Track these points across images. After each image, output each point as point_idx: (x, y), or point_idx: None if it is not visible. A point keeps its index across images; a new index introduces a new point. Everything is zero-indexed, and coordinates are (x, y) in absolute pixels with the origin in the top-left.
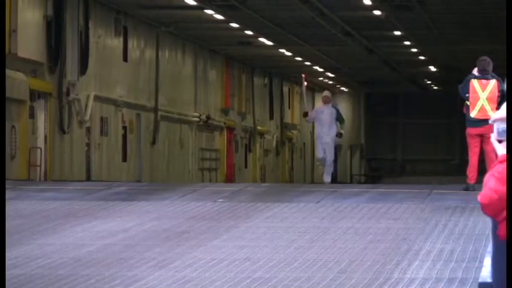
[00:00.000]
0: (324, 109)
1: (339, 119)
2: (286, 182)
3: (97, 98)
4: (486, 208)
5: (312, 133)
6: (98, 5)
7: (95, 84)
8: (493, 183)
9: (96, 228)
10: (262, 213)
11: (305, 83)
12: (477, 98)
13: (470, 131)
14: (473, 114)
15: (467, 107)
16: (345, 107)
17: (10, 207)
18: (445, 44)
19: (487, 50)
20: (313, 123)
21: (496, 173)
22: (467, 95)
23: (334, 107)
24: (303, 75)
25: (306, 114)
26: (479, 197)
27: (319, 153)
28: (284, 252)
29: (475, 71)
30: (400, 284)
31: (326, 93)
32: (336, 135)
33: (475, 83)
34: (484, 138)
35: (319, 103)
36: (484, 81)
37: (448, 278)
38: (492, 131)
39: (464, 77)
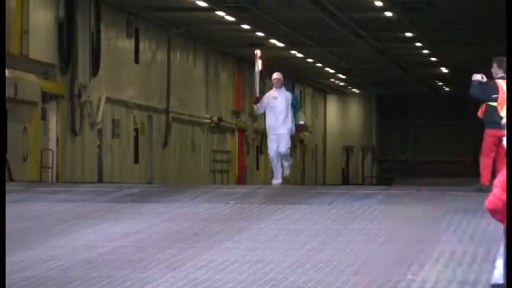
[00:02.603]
0: (277, 95)
1: (295, 105)
2: (297, 184)
3: (108, 100)
4: (493, 214)
5: (325, 134)
6: (110, 7)
7: (107, 86)
8: (497, 191)
9: (107, 230)
10: (274, 215)
11: (259, 62)
12: (506, 99)
13: (494, 132)
14: (503, 114)
15: (492, 108)
16: (356, 109)
17: (22, 209)
18: (456, 45)
19: (500, 51)
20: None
21: (500, 182)
22: (494, 95)
23: (288, 91)
24: (257, 52)
25: (257, 100)
26: (486, 204)
27: (271, 150)
28: (296, 254)
29: (499, 72)
30: (412, 286)
31: (276, 74)
32: (296, 128)
33: (502, 83)
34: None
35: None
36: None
37: (460, 279)
38: None
39: None
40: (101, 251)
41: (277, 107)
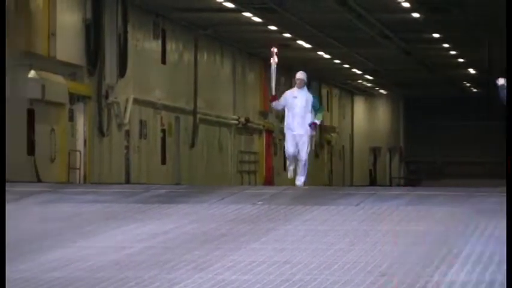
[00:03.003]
0: (297, 94)
1: (316, 107)
2: (325, 185)
3: (136, 101)
4: None
5: (352, 135)
6: (137, 8)
7: (134, 87)
8: None
9: (135, 231)
10: (301, 216)
11: (275, 59)
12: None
13: None
14: None
15: None
16: (383, 110)
17: (50, 210)
18: (483, 46)
19: None
20: (282, 113)
21: None
22: None
23: (310, 92)
24: (273, 49)
25: (273, 99)
26: None
27: (289, 149)
28: (323, 255)
29: None
30: (440, 287)
31: (300, 74)
32: (309, 125)
33: None
34: None
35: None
36: None
37: (487, 280)
38: None
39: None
40: (129, 252)
41: (296, 107)
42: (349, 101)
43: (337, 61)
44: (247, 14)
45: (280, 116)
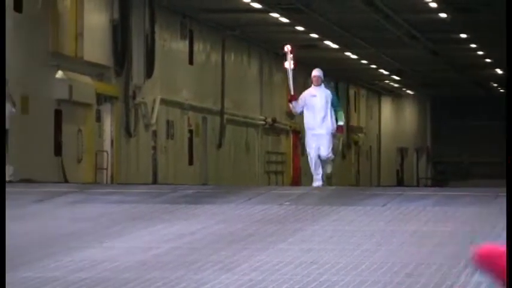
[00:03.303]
0: (316, 92)
1: (335, 105)
2: (352, 185)
3: (163, 101)
4: None
5: (379, 135)
6: (164, 8)
7: (161, 87)
8: None
9: (162, 232)
10: (328, 216)
11: (291, 56)
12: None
13: None
14: None
15: None
16: (410, 110)
17: (77, 210)
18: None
19: None
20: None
21: None
22: None
23: (328, 89)
24: (287, 47)
25: (292, 99)
26: None
27: (311, 150)
28: (350, 255)
29: None
30: None
31: (316, 72)
32: (335, 132)
33: None
34: None
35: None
36: None
37: None
38: None
39: None
40: (156, 253)
41: (315, 105)
42: (376, 102)
43: (364, 61)
44: (275, 15)
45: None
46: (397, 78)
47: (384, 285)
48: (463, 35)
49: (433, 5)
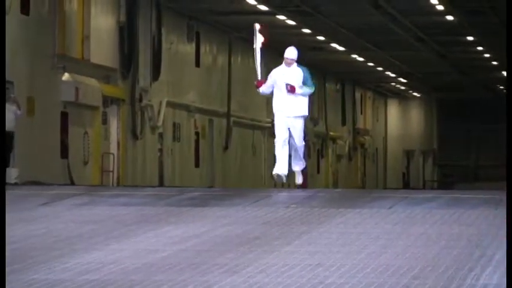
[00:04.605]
0: (286, 71)
1: (308, 83)
2: (358, 188)
3: (169, 104)
4: None
5: (385, 138)
6: (171, 11)
7: (168, 90)
8: None
9: (168, 234)
10: (334, 218)
11: (260, 37)
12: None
13: None
14: None
15: None
16: (417, 113)
17: (83, 213)
18: None
19: None
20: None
21: None
22: None
23: (301, 67)
24: (257, 25)
25: (260, 84)
26: None
27: (279, 134)
28: (356, 258)
29: None
30: None
31: (291, 53)
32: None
33: None
34: None
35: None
36: None
37: None
38: None
39: None
40: (162, 255)
41: (284, 85)
42: (382, 104)
43: (371, 64)
44: (282, 17)
45: (314, 120)
46: (403, 80)
47: (390, 287)
48: (470, 38)
49: (440, 7)
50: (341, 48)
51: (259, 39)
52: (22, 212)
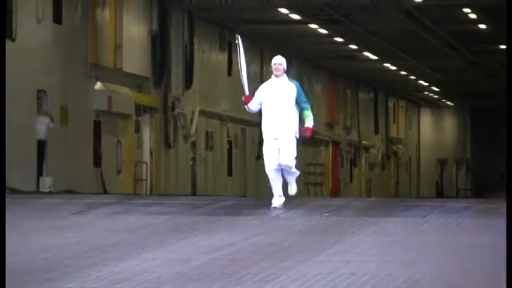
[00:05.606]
0: (276, 86)
1: (301, 101)
2: (391, 197)
3: (202, 113)
4: None
5: (418, 147)
6: (203, 20)
7: (200, 98)
8: None
9: (201, 243)
10: (367, 227)
11: (240, 44)
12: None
13: None
14: None
15: None
16: (450, 121)
17: (117, 222)
18: None
19: None
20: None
21: None
22: None
23: (292, 81)
24: (238, 37)
25: (248, 100)
26: None
27: (268, 160)
28: (390, 267)
29: None
30: None
31: (277, 59)
32: (300, 133)
33: None
34: None
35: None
36: None
37: None
38: None
39: None
40: (195, 264)
41: (274, 101)
42: (415, 113)
43: (404, 73)
44: (314, 26)
45: (347, 129)
46: (436, 89)
47: None
48: (503, 46)
49: (473, 16)
50: (374, 57)
51: (242, 52)
52: (56, 220)
